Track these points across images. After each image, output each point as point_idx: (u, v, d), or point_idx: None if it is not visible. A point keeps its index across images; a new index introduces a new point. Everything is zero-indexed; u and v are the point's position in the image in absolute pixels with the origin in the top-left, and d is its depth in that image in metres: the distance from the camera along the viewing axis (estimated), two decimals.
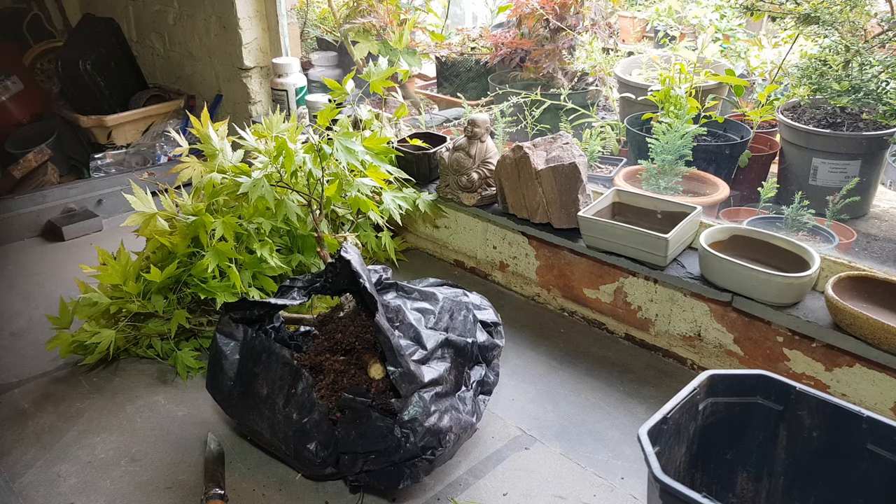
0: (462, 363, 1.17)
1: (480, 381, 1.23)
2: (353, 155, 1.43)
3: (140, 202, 1.46)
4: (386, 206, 1.59)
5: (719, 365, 1.42)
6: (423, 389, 1.11)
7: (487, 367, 1.25)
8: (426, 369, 1.12)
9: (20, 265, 2.03)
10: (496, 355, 1.27)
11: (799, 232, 1.65)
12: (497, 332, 1.30)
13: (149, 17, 3.07)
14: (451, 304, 1.21)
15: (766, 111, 1.93)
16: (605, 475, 1.20)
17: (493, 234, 1.75)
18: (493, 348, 1.26)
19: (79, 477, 1.30)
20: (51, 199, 2.28)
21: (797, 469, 0.97)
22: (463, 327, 1.21)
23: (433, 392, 1.11)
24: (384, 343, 1.08)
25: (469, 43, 2.56)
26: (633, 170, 1.90)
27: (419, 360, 1.12)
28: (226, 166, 1.53)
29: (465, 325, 1.21)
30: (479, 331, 1.25)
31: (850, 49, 1.70)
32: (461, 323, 1.21)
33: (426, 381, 1.11)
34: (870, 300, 1.21)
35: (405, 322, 1.18)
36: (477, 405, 1.20)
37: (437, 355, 1.14)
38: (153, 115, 2.98)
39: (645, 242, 1.36)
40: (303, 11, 2.90)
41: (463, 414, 1.14)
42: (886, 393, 1.19)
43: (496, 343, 1.27)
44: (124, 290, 1.48)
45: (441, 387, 1.12)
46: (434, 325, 1.18)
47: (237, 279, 1.42)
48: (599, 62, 2.27)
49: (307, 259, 1.61)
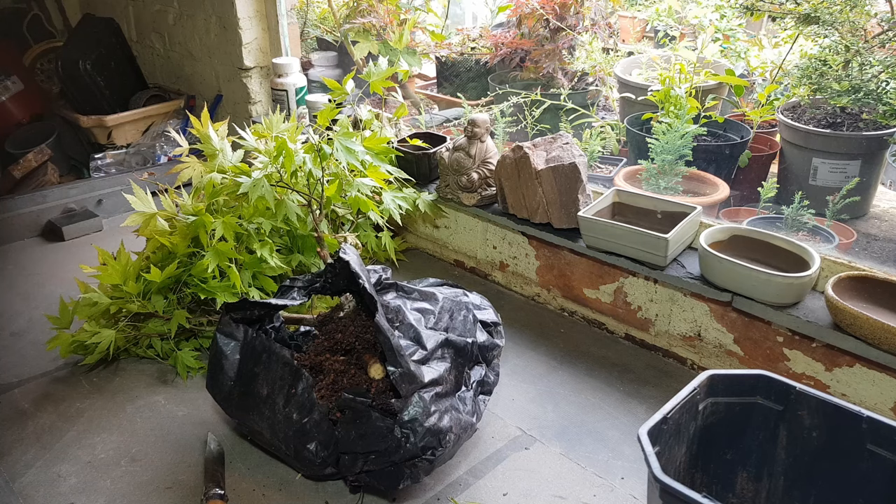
0: (462, 363, 1.17)
1: (480, 381, 1.22)
2: (353, 155, 1.43)
3: (140, 202, 1.46)
4: (386, 206, 1.59)
5: (719, 365, 1.42)
6: (423, 389, 1.11)
7: (487, 367, 1.25)
8: (426, 369, 1.12)
9: (20, 265, 2.03)
10: (496, 355, 1.27)
11: (799, 232, 1.65)
12: (497, 332, 1.30)
13: (149, 17, 3.07)
14: (450, 304, 1.21)
15: (766, 111, 1.93)
16: (605, 475, 1.20)
17: (493, 234, 1.75)
18: (493, 348, 1.26)
19: (79, 477, 1.30)
20: (51, 199, 2.28)
21: (797, 469, 0.97)
22: (463, 327, 1.20)
23: (433, 392, 1.12)
24: (384, 343, 1.08)
25: (469, 43, 2.56)
26: (633, 170, 1.90)
27: (419, 360, 1.12)
28: (226, 166, 1.52)
29: (465, 325, 1.21)
30: (480, 331, 1.25)
31: (850, 49, 1.70)
32: (461, 323, 1.21)
33: (426, 382, 1.11)
34: (870, 300, 1.21)
35: (405, 322, 1.18)
36: (477, 405, 1.20)
37: (437, 355, 1.14)
38: (153, 115, 2.98)
39: (645, 242, 1.36)
40: (303, 11, 2.90)
41: (463, 414, 1.14)
42: (886, 393, 1.19)
43: (496, 343, 1.27)
44: (124, 290, 1.48)
45: (441, 387, 1.12)
46: (434, 326, 1.18)
47: (237, 279, 1.42)
48: (599, 62, 2.27)
49: (307, 259, 1.61)
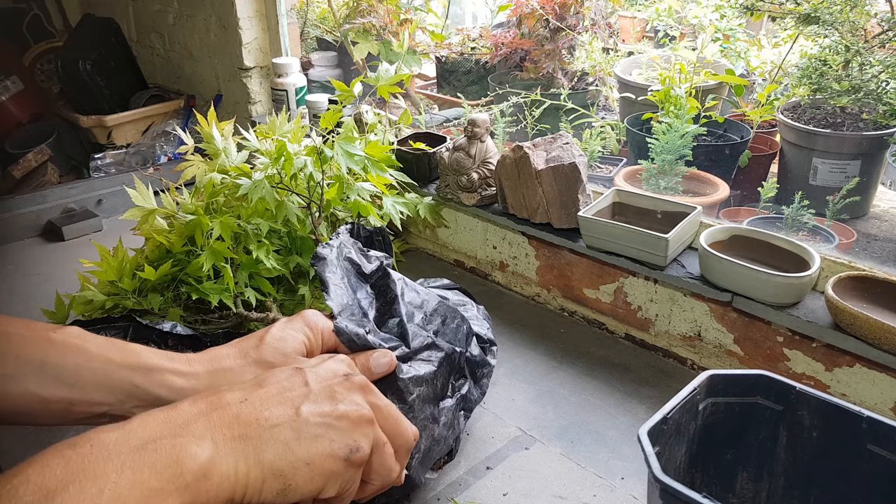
0: (448, 372, 1.11)
1: (464, 395, 1.16)
2: (354, 160, 1.43)
3: (141, 197, 1.46)
4: (386, 210, 1.59)
5: (719, 365, 1.42)
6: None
7: (475, 384, 1.20)
8: (406, 366, 1.04)
9: (20, 265, 2.03)
10: (486, 374, 1.22)
11: (799, 232, 1.65)
12: (491, 351, 1.26)
13: (149, 17, 3.07)
14: (445, 308, 1.16)
15: (766, 111, 1.93)
16: (605, 475, 1.20)
17: (493, 234, 1.75)
18: (483, 365, 1.21)
19: None
20: (51, 199, 2.28)
21: (797, 469, 0.97)
22: (454, 335, 1.15)
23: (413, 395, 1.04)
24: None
25: (469, 43, 2.56)
26: (633, 170, 1.90)
27: (401, 358, 1.04)
28: (227, 166, 1.53)
29: (456, 333, 1.16)
30: (474, 345, 1.20)
31: (850, 49, 1.70)
32: (452, 330, 1.15)
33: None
34: (870, 300, 1.21)
35: (395, 316, 1.12)
36: (457, 420, 1.14)
37: (421, 357, 1.07)
38: (153, 115, 2.98)
39: (645, 242, 1.36)
40: (303, 11, 2.90)
41: (439, 427, 1.07)
42: (886, 393, 1.19)
43: (487, 361, 1.22)
44: (119, 286, 1.48)
45: (421, 388, 1.04)
46: (423, 325, 1.13)
47: (231, 280, 1.41)
48: (599, 62, 2.27)
49: (305, 261, 1.61)
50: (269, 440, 0.66)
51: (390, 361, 0.96)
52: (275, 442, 0.67)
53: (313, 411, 0.70)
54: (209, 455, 0.62)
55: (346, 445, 0.70)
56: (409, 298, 1.14)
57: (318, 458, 0.68)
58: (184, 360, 0.86)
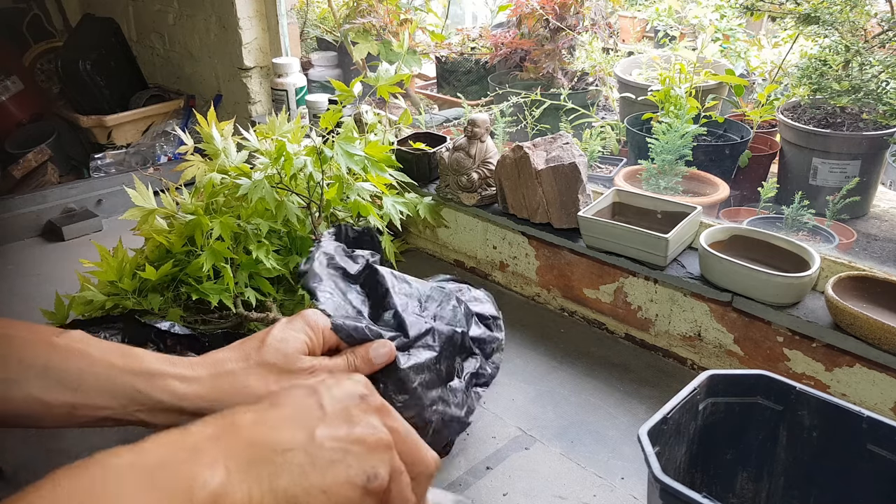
0: (452, 353, 1.11)
1: (475, 372, 1.17)
2: (354, 160, 1.43)
3: (140, 197, 1.46)
4: (386, 210, 1.59)
5: (719, 365, 1.42)
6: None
7: (486, 359, 1.21)
8: (404, 357, 1.04)
9: (20, 265, 2.03)
10: (496, 348, 1.23)
11: (799, 232, 1.65)
12: (497, 325, 1.27)
13: (149, 17, 3.07)
14: (439, 293, 1.16)
15: (766, 111, 1.93)
16: (605, 475, 1.20)
17: (493, 234, 1.75)
18: (491, 341, 1.22)
19: None
20: (51, 199, 2.28)
21: (797, 469, 0.97)
22: (452, 316, 1.15)
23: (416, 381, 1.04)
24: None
25: (469, 43, 2.56)
26: (633, 170, 1.90)
27: (400, 347, 1.05)
28: (227, 166, 1.53)
29: (454, 314, 1.16)
30: (476, 324, 1.22)
31: (850, 49, 1.70)
32: (450, 312, 1.16)
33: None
34: (870, 300, 1.21)
35: (389, 307, 1.13)
36: (469, 397, 1.15)
37: (420, 343, 1.06)
38: (153, 115, 2.98)
39: (645, 242, 1.36)
40: (303, 11, 2.90)
41: (451, 407, 1.09)
42: (886, 393, 1.19)
43: (495, 336, 1.24)
44: (119, 286, 1.48)
45: (424, 375, 1.05)
46: (420, 313, 1.13)
47: (230, 280, 1.41)
48: (599, 62, 2.27)
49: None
50: (284, 465, 0.64)
51: (390, 351, 0.96)
52: (289, 467, 0.63)
53: (328, 435, 0.67)
54: (221, 481, 0.61)
55: (364, 472, 0.66)
56: (400, 289, 1.14)
57: (334, 485, 0.65)
58: (186, 364, 0.85)
